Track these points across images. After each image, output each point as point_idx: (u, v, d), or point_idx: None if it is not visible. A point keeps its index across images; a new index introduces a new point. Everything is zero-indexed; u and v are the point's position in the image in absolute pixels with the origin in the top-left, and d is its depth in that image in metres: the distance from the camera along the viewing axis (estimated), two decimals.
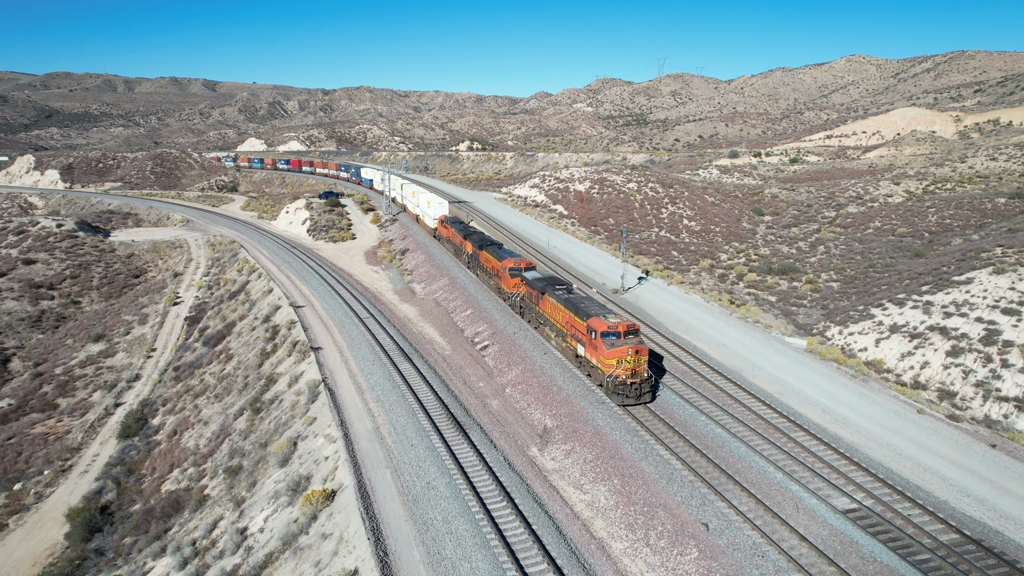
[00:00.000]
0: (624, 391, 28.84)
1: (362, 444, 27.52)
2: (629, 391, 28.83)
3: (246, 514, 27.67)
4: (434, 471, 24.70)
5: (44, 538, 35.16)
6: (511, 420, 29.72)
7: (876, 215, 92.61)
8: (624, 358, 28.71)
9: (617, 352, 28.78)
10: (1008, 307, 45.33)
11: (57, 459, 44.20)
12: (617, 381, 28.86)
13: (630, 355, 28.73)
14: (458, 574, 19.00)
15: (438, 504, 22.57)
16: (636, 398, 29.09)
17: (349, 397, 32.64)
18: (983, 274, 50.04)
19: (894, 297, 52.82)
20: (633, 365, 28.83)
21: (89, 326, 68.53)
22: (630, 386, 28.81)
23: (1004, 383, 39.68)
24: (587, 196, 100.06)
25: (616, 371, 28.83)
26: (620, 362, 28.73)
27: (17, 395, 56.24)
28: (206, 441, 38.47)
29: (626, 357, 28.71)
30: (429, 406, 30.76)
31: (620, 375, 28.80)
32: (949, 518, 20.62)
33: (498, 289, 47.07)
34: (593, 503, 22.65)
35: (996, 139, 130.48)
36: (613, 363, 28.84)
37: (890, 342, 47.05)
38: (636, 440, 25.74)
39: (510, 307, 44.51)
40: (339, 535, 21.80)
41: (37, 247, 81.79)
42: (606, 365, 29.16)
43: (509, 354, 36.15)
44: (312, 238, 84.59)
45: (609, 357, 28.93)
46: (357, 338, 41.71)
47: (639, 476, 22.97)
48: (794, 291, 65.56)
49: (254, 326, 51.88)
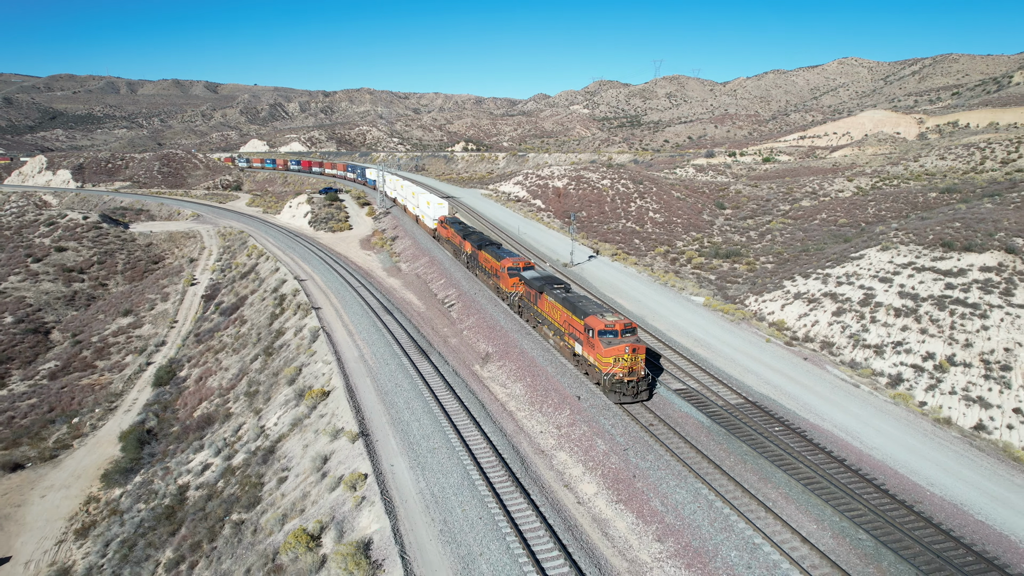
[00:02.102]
0: (621, 389, 28.98)
1: (350, 364, 37.10)
2: (626, 389, 28.98)
3: (263, 417, 37.21)
4: (401, 377, 34.30)
5: (103, 453, 44.65)
6: (463, 350, 39.30)
7: (824, 208, 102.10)
8: (621, 356, 28.86)
9: (614, 350, 28.89)
10: (884, 276, 55.02)
11: (104, 402, 53.77)
12: (614, 379, 28.99)
13: (627, 353, 28.89)
14: (410, 428, 28.55)
15: (402, 394, 32.14)
16: (633, 396, 29.21)
17: (342, 338, 42.22)
18: (872, 251, 59.74)
19: (804, 272, 62.51)
20: (630, 363, 29.00)
21: (117, 303, 78.11)
22: (627, 384, 28.96)
23: (869, 335, 49.42)
24: (564, 192, 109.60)
25: (613, 369, 28.96)
26: (617, 360, 28.88)
27: (61, 358, 65.80)
28: (228, 380, 48.01)
29: (623, 355, 28.85)
30: (402, 341, 40.37)
31: (617, 373, 28.93)
32: (746, 393, 30.23)
33: (496, 289, 46.99)
34: (511, 393, 32.23)
35: (949, 140, 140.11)
36: (610, 361, 28.98)
37: (792, 306, 56.67)
38: (547, 355, 35.29)
39: (508, 306, 44.52)
40: (331, 412, 31.36)
41: (67, 236, 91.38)
42: (603, 363, 29.24)
43: (469, 308, 45.74)
44: (313, 229, 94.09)
45: (606, 355, 29.02)
46: (350, 300, 51.31)
47: (544, 375, 32.54)
48: (733, 271, 74.90)
49: (264, 297, 61.41)
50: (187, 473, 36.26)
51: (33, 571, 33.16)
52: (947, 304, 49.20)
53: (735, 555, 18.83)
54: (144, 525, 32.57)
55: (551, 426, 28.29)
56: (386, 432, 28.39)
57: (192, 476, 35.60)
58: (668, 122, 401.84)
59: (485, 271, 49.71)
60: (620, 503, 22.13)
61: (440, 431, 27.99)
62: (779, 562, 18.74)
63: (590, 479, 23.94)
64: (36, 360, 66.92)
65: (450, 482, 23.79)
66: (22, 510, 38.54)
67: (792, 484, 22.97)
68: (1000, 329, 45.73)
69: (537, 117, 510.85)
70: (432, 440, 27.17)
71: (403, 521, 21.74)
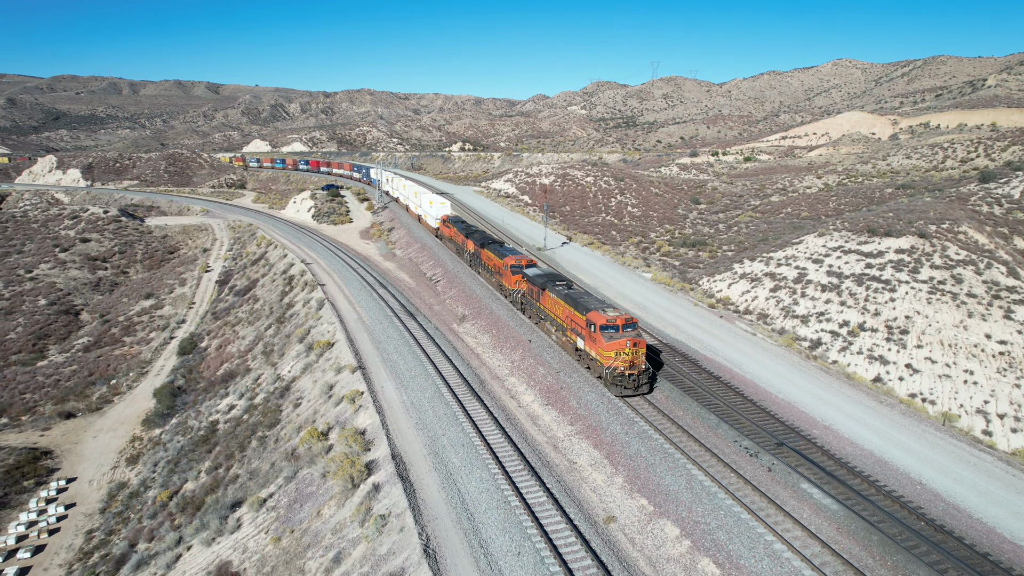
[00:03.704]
0: (622, 382, 29.56)
1: (350, 324, 45.04)
2: (627, 382, 29.57)
3: (279, 368, 45.15)
4: (392, 331, 42.26)
5: (140, 406, 52.60)
6: (444, 313, 47.28)
7: (791, 203, 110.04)
8: (622, 350, 29.41)
9: (615, 344, 29.49)
10: (816, 258, 63.01)
11: (136, 368, 61.72)
12: (615, 373, 29.51)
13: (628, 347, 29.43)
14: (397, 364, 36.48)
15: (392, 343, 40.09)
16: (634, 389, 29.82)
17: (343, 305, 50.16)
18: (810, 237, 67.75)
19: (751, 256, 70.44)
20: (631, 357, 29.54)
21: (139, 288, 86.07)
22: (628, 377, 29.54)
23: (799, 307, 57.33)
24: (550, 188, 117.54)
25: (615, 363, 29.55)
26: (618, 354, 29.45)
27: (92, 334, 73.77)
28: (246, 345, 55.94)
29: (624, 349, 29.40)
30: (394, 307, 48.33)
31: (619, 367, 29.48)
32: (663, 338, 38.18)
33: (500, 286, 47.66)
34: (479, 342, 40.19)
35: (917, 140, 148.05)
36: (612, 355, 29.57)
37: (737, 285, 64.62)
38: (511, 313, 43.24)
39: (511, 303, 45.23)
40: (335, 357, 39.30)
41: (90, 229, 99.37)
42: (605, 357, 29.81)
43: (452, 283, 53.69)
44: (316, 222, 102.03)
45: (608, 349, 29.63)
46: (350, 278, 59.27)
47: (505, 327, 40.50)
48: (697, 258, 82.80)
49: (274, 279, 69.35)
50: (216, 412, 44.21)
51: (96, 487, 41.10)
52: (865, 280, 57.26)
53: (619, 428, 26.74)
54: (184, 449, 40.50)
55: (507, 361, 36.22)
56: (378, 366, 36.35)
57: (221, 414, 43.54)
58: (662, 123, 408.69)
59: (488, 269, 50.43)
60: (548, 405, 30.08)
61: (420, 365, 35.94)
62: (647, 430, 26.58)
63: (530, 392, 31.89)
64: (70, 336, 74.83)
65: (425, 395, 31.74)
66: (79, 446, 46.49)
67: (674, 390, 30.83)
68: (904, 300, 53.92)
69: (535, 118, 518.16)
70: (414, 371, 35.12)
71: (389, 418, 29.68)
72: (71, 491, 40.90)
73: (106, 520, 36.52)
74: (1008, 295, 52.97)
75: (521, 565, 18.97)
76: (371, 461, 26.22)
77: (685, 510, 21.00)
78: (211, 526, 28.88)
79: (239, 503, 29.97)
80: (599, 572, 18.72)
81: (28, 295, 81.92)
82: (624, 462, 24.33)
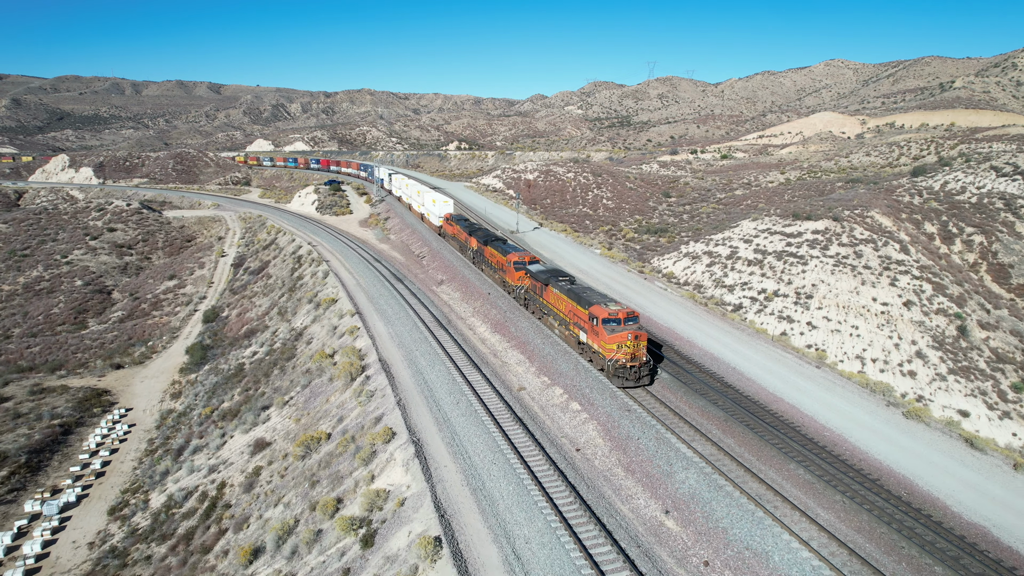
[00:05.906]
0: (624, 374, 30.22)
1: (350, 287, 55.87)
2: (628, 374, 30.23)
3: (292, 323, 55.93)
4: (383, 290, 53.10)
5: (176, 361, 63.42)
6: (427, 279, 58.15)
7: (752, 196, 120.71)
8: (624, 343, 30.06)
9: (617, 337, 30.13)
10: (747, 238, 73.83)
11: (167, 333, 72.53)
12: (617, 365, 30.15)
13: (630, 340, 30.07)
14: (386, 311, 47.28)
15: (383, 298, 50.91)
16: (635, 381, 30.49)
17: (344, 274, 60.99)
18: (746, 221, 78.57)
19: (696, 239, 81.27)
20: (632, 349, 30.16)
21: (162, 271, 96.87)
22: (629, 369, 30.18)
23: (728, 279, 68.07)
24: (533, 183, 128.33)
25: (616, 355, 30.20)
26: (620, 347, 30.09)
27: (125, 309, 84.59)
28: (263, 311, 66.72)
29: (626, 342, 30.06)
30: (386, 275, 59.18)
31: (620, 359, 30.13)
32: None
33: (503, 283, 48.79)
34: (452, 297, 51.07)
35: (879, 139, 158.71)
36: (613, 348, 30.20)
37: (680, 262, 75.39)
38: (477, 275, 54.01)
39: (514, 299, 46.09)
40: (339, 308, 50.09)
41: (115, 220, 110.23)
42: (607, 350, 30.48)
43: (435, 258, 64.54)
44: (319, 214, 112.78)
45: (610, 342, 30.27)
46: (350, 256, 70.08)
47: (472, 286, 51.33)
48: (656, 243, 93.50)
49: (284, 259, 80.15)
50: (243, 358, 55.03)
51: (149, 414, 51.93)
52: (784, 256, 68.07)
53: (540, 342, 37.63)
54: (218, 383, 51.30)
55: (470, 308, 47.09)
56: (372, 313, 47.20)
57: (247, 359, 54.37)
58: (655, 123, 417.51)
59: (491, 266, 51.33)
60: (496, 332, 40.93)
61: (403, 310, 46.82)
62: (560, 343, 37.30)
63: (483, 325, 42.76)
64: (105, 311, 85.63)
65: (405, 328, 42.60)
66: (130, 387, 57.32)
67: None
68: (813, 272, 64.85)
69: (532, 118, 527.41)
70: (399, 314, 45.96)
71: (378, 341, 40.51)
72: (129, 417, 51.71)
73: (161, 432, 47.35)
74: (897, 267, 64.13)
75: (460, 411, 29.73)
76: (364, 364, 37.06)
77: (570, 381, 31.82)
78: (248, 421, 39.69)
79: (268, 406, 40.76)
80: (506, 409, 29.58)
81: (65, 277, 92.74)
82: (538, 361, 35.17)
